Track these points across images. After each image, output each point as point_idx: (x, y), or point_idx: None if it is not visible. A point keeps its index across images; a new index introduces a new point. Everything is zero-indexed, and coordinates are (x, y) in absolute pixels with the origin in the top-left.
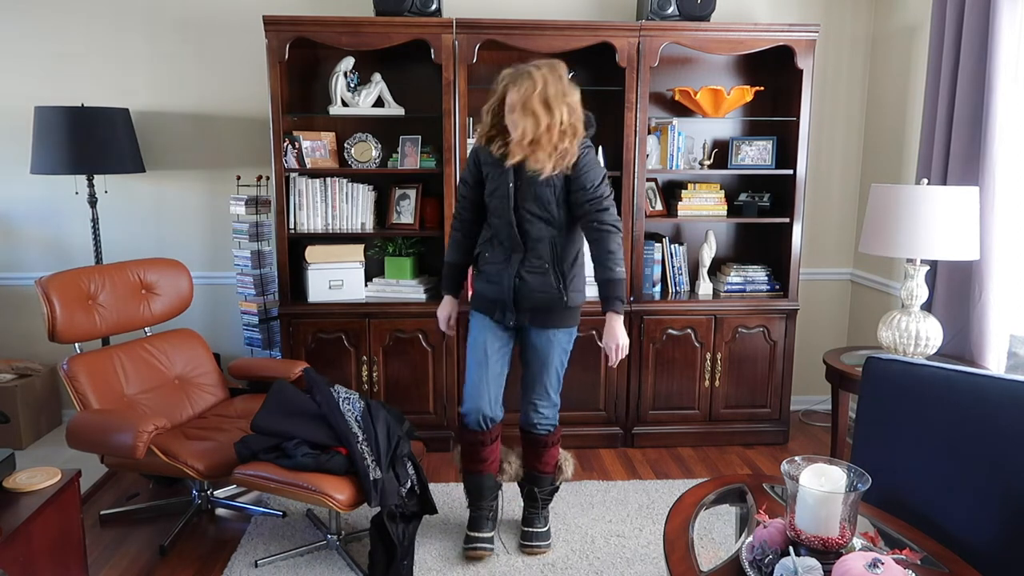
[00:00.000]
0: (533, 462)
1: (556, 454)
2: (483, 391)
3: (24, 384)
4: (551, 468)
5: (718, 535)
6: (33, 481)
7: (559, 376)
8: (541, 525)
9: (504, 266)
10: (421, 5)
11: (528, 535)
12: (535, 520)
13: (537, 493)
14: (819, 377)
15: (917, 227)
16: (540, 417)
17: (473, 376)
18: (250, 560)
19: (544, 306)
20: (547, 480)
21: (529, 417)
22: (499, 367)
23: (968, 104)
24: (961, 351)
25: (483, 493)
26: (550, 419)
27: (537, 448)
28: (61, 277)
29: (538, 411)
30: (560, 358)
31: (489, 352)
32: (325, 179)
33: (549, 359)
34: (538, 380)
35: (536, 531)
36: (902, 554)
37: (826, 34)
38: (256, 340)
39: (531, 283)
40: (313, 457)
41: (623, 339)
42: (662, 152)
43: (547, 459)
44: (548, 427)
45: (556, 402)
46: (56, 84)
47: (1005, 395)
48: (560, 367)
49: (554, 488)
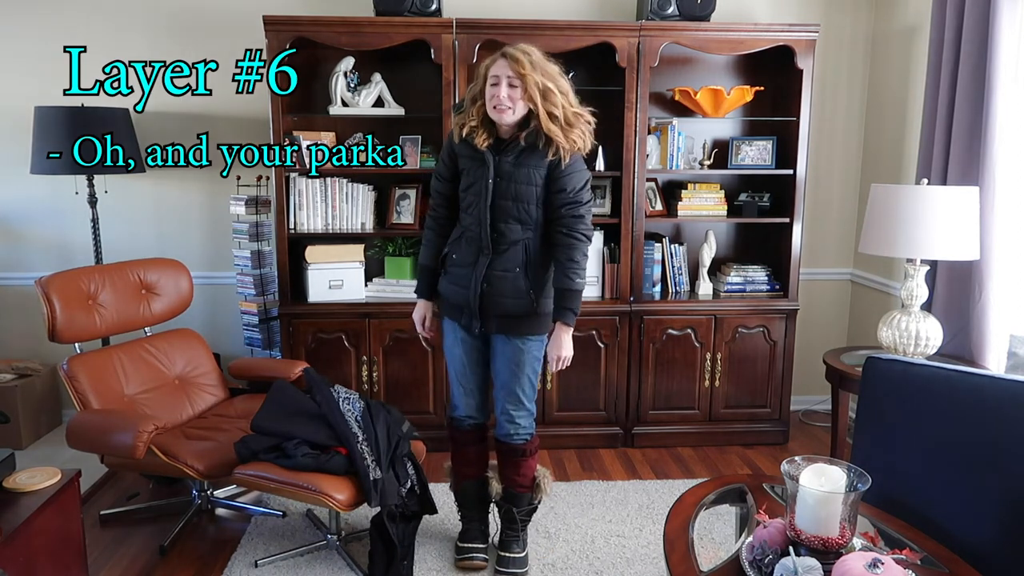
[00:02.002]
0: (511, 475)
1: (534, 466)
2: (470, 399)
3: (24, 384)
4: (529, 482)
5: (718, 535)
6: (33, 481)
7: (532, 384)
8: (519, 550)
9: (471, 269)
10: (421, 5)
11: (504, 560)
12: (513, 544)
13: (515, 513)
14: (819, 377)
15: (917, 227)
16: (515, 427)
17: (455, 387)
18: (250, 560)
19: (513, 313)
20: (525, 498)
21: (504, 428)
22: (481, 375)
23: (968, 104)
24: (961, 351)
25: (471, 501)
26: (527, 428)
27: (514, 459)
28: (61, 277)
29: (513, 421)
30: (532, 366)
31: (467, 363)
32: (325, 179)
33: (520, 368)
34: (510, 390)
35: (513, 556)
36: (902, 554)
37: (826, 34)
38: (256, 340)
39: (499, 288)
40: (313, 457)
41: (567, 351)
42: (662, 152)
43: (525, 471)
44: (525, 436)
45: (531, 410)
46: (56, 84)
47: (1005, 395)
48: (533, 374)
49: (532, 508)
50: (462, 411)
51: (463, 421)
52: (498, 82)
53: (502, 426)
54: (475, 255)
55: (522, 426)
